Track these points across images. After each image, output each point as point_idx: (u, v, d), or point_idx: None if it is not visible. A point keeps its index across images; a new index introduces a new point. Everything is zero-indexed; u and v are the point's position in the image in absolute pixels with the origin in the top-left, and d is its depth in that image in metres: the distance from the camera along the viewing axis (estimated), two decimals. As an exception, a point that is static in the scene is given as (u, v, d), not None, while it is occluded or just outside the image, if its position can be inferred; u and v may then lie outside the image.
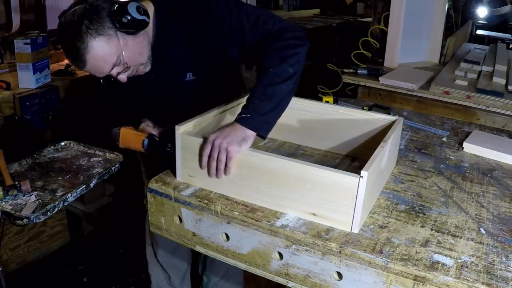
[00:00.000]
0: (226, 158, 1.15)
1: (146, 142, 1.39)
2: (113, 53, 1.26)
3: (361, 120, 1.45)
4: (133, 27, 1.26)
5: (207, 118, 1.35)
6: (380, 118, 1.43)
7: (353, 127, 1.46)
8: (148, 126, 1.44)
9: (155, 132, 1.43)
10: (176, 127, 1.24)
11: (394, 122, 1.39)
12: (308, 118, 1.52)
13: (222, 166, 1.17)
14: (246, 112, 1.19)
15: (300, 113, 1.52)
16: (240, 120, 1.19)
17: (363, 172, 1.04)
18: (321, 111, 1.50)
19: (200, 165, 1.21)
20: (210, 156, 1.17)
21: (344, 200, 1.07)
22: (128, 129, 1.44)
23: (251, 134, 1.18)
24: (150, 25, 1.37)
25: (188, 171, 1.26)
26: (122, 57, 1.28)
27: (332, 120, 1.48)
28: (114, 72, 1.30)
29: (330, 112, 1.49)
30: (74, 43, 1.22)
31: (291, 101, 1.28)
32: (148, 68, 1.40)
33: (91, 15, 1.22)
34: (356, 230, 1.09)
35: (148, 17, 1.29)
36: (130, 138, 1.43)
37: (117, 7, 1.24)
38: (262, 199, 1.17)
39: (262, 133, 1.20)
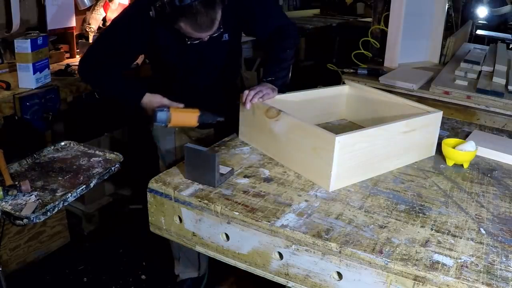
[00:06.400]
0: (262, 95, 1.56)
1: (202, 117, 1.59)
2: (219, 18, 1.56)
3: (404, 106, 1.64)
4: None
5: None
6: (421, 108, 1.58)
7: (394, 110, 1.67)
8: (179, 104, 1.63)
9: (181, 107, 1.61)
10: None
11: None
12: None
13: (258, 94, 1.55)
14: (271, 76, 1.66)
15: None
16: (268, 81, 1.64)
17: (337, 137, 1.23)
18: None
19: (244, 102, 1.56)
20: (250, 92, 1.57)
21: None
22: (176, 109, 1.57)
23: (276, 89, 1.64)
24: None
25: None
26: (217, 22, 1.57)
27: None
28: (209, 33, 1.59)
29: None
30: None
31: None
32: None
33: None
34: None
35: None
36: (184, 116, 1.59)
37: None
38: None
39: (282, 89, 1.68)
